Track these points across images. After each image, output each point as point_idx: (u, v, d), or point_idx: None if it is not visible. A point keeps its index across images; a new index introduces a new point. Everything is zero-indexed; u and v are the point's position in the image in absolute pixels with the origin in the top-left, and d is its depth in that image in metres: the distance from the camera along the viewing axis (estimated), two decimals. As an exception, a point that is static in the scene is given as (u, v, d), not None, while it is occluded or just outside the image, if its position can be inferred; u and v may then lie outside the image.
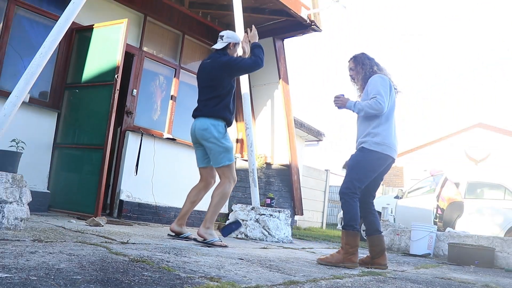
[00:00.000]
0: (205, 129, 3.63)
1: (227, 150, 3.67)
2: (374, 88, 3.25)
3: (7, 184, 2.95)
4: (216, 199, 3.67)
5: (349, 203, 3.18)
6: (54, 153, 5.19)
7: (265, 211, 5.16)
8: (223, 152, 3.64)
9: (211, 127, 3.62)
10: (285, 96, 7.29)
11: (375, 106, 3.17)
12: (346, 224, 3.17)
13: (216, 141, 3.62)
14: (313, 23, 6.81)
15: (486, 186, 8.21)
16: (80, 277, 1.59)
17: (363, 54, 3.51)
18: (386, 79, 3.32)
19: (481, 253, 5.00)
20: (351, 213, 3.17)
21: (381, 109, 3.18)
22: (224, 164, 3.67)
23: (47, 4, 5.32)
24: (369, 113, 3.22)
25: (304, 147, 12.78)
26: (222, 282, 1.82)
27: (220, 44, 3.84)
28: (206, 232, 3.58)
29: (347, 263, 3.07)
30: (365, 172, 3.24)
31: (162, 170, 6.00)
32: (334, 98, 3.40)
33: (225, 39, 3.84)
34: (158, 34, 6.61)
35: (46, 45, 3.47)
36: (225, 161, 3.66)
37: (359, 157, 3.27)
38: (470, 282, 3.09)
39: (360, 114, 3.30)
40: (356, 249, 3.12)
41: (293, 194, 7.52)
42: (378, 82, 3.26)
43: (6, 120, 3.22)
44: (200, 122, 3.69)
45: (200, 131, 3.66)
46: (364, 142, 3.26)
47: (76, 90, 5.29)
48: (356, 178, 3.20)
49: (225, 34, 3.87)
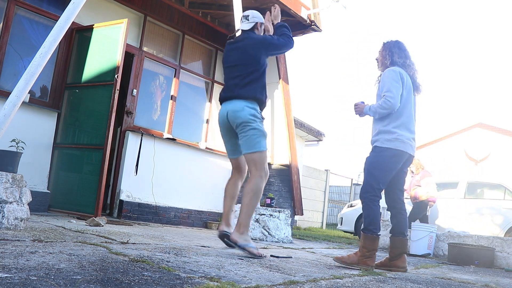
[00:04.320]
0: (240, 110, 3.21)
1: (264, 134, 3.27)
2: (384, 84, 3.18)
3: (7, 184, 2.95)
4: (248, 198, 3.19)
5: (369, 206, 3.12)
6: (54, 153, 5.19)
7: (265, 211, 5.16)
8: (260, 136, 3.21)
9: (247, 109, 3.22)
10: (285, 96, 7.29)
11: (385, 105, 3.10)
12: (366, 227, 3.11)
13: (253, 123, 3.21)
14: (313, 23, 6.81)
15: (486, 186, 8.21)
16: (80, 277, 1.59)
17: (395, 42, 3.38)
18: (397, 71, 3.20)
19: (481, 253, 5.00)
20: (371, 217, 3.11)
21: (392, 107, 3.10)
22: (259, 150, 3.21)
23: (47, 4, 5.32)
24: (383, 114, 3.16)
25: (304, 147, 12.78)
26: (222, 282, 1.82)
27: (248, 25, 3.57)
28: (240, 238, 3.13)
29: (362, 266, 3.04)
30: (383, 172, 3.15)
31: (162, 170, 6.00)
32: (354, 106, 3.34)
33: (251, 19, 3.58)
34: (158, 34, 6.61)
35: (46, 45, 3.47)
36: (260, 146, 3.22)
37: (373, 158, 3.19)
38: (470, 282, 3.08)
39: (375, 117, 3.23)
40: (373, 253, 3.08)
41: (293, 194, 7.52)
42: (388, 77, 3.17)
43: (6, 120, 3.21)
44: (233, 105, 3.26)
45: (234, 113, 3.23)
46: (376, 140, 3.21)
47: (76, 90, 5.29)
48: (374, 180, 3.13)
49: (251, 14, 3.61)
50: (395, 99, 3.10)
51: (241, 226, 3.15)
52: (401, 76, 3.21)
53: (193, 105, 7.11)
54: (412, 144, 3.24)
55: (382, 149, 3.15)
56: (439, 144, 17.44)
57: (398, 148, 3.14)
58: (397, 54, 3.31)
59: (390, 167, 3.17)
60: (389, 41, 3.41)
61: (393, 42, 3.39)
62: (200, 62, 7.27)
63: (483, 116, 18.85)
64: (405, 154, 3.19)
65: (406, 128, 3.21)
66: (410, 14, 51.82)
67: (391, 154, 3.14)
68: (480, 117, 17.10)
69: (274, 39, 3.44)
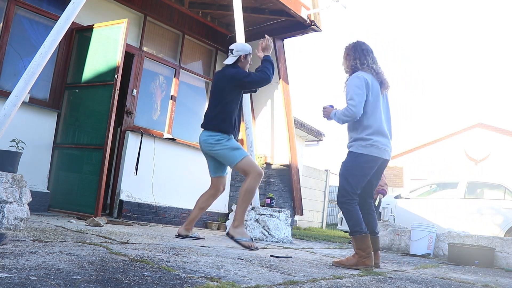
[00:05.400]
0: (205, 140, 3.71)
1: (234, 148, 3.67)
2: (348, 92, 3.17)
3: (7, 184, 2.96)
4: (241, 196, 3.65)
5: (348, 210, 3.17)
6: (54, 153, 5.19)
7: (265, 211, 5.16)
8: (231, 151, 3.65)
9: (209, 138, 3.69)
10: (285, 96, 7.29)
11: (347, 113, 3.11)
12: (352, 230, 3.15)
13: (219, 146, 3.65)
14: (313, 23, 6.81)
15: (486, 186, 8.20)
16: (80, 277, 1.59)
17: (353, 44, 3.35)
18: (361, 78, 3.15)
19: (481, 253, 5.00)
20: (354, 219, 3.15)
21: (354, 115, 3.10)
22: (238, 160, 3.64)
23: (47, 4, 5.32)
24: (346, 121, 3.18)
25: (304, 147, 12.78)
26: (222, 282, 1.82)
27: (231, 59, 3.79)
28: (235, 231, 3.57)
29: (362, 266, 3.07)
30: (357, 177, 3.18)
31: (162, 170, 6.00)
32: (322, 109, 3.39)
33: (235, 53, 3.79)
34: (158, 34, 6.61)
35: (46, 45, 3.48)
36: (237, 157, 3.64)
37: (348, 163, 3.23)
38: (470, 282, 3.09)
39: (340, 123, 3.23)
40: (368, 252, 3.11)
41: (293, 194, 7.51)
42: (352, 84, 3.15)
43: (6, 120, 3.22)
44: (202, 135, 3.77)
45: (205, 144, 3.73)
46: (351, 146, 3.24)
47: (76, 90, 5.29)
48: (349, 184, 3.17)
49: (235, 48, 3.82)
50: (357, 108, 3.08)
51: (236, 220, 3.59)
52: (366, 81, 3.16)
53: (193, 105, 7.11)
54: (388, 149, 3.24)
55: (357, 154, 3.17)
56: (439, 144, 17.45)
57: (373, 154, 3.15)
58: (358, 57, 3.28)
59: (365, 172, 3.19)
60: (349, 44, 3.39)
61: (352, 44, 3.36)
62: (200, 62, 7.27)
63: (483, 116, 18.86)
64: (379, 159, 3.21)
65: (380, 134, 3.19)
66: (410, 14, 51.82)
67: (365, 160, 3.16)
68: (480, 117, 17.12)
69: (244, 75, 3.71)
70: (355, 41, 3.38)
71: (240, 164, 3.64)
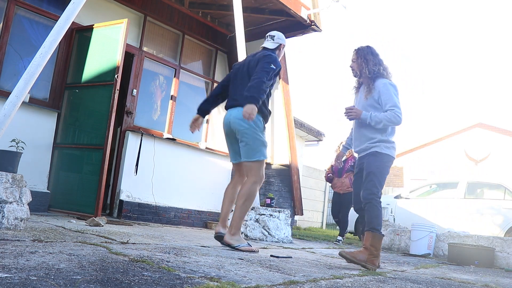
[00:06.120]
0: (240, 118, 3.31)
1: (264, 144, 3.42)
2: (389, 98, 3.22)
3: (7, 184, 2.95)
4: (241, 201, 3.38)
5: (376, 207, 3.19)
6: (54, 153, 5.18)
7: (265, 211, 5.16)
8: (260, 146, 3.38)
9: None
10: (285, 96, 7.29)
11: (395, 120, 3.18)
12: (374, 227, 3.16)
13: (254, 132, 3.35)
14: (313, 23, 6.81)
15: (486, 186, 8.20)
16: (80, 277, 1.59)
17: (367, 48, 3.42)
18: (396, 87, 3.31)
19: (481, 253, 5.00)
20: (380, 217, 3.20)
21: (399, 123, 3.21)
22: (258, 159, 3.38)
23: (47, 4, 5.32)
24: (388, 126, 3.25)
25: (304, 147, 12.78)
26: (222, 282, 1.82)
27: (272, 44, 3.65)
28: (232, 239, 3.35)
29: (369, 265, 3.08)
30: (384, 176, 3.29)
31: (162, 170, 6.00)
32: (347, 110, 3.35)
33: (276, 40, 3.68)
34: (158, 34, 6.61)
35: (46, 45, 3.48)
36: (260, 155, 3.38)
37: (377, 162, 3.25)
38: (470, 282, 3.09)
39: (378, 126, 3.24)
40: (379, 252, 3.16)
41: (293, 194, 7.52)
42: (392, 92, 3.24)
43: (6, 120, 3.22)
44: (237, 111, 3.36)
45: (237, 120, 3.35)
46: (375, 146, 3.28)
47: (76, 90, 5.29)
48: (378, 183, 3.22)
49: (276, 35, 3.70)
50: (402, 116, 3.20)
51: (233, 227, 3.37)
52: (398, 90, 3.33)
53: (193, 105, 7.10)
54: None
55: (383, 155, 3.26)
56: (439, 144, 17.44)
57: (393, 155, 3.33)
58: (372, 61, 3.35)
59: (388, 171, 3.33)
60: (362, 47, 3.44)
61: (366, 48, 3.43)
62: (200, 62, 7.27)
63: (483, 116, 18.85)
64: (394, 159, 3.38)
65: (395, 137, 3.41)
66: (410, 14, 51.82)
67: (389, 159, 3.30)
68: (480, 117, 17.10)
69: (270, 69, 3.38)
70: (368, 46, 3.45)
71: (255, 163, 3.38)
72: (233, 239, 3.36)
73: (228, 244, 3.35)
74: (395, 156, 3.34)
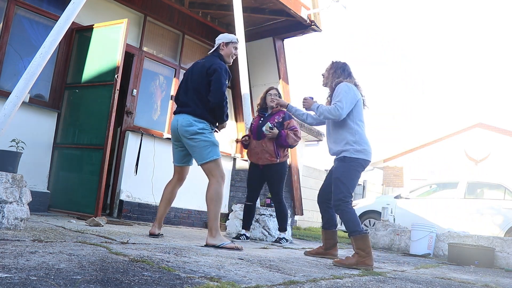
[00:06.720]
0: (186, 125, 3.45)
1: (214, 143, 3.48)
2: (338, 95, 3.37)
3: (7, 184, 2.96)
4: (212, 204, 3.46)
5: (346, 211, 3.27)
6: (54, 153, 5.18)
7: (265, 211, 5.16)
8: (210, 146, 3.44)
9: (193, 124, 3.45)
10: (285, 96, 7.28)
11: (334, 112, 3.31)
12: (352, 230, 3.23)
13: (200, 136, 3.43)
14: (313, 23, 6.81)
15: (486, 186, 8.20)
16: (80, 277, 1.59)
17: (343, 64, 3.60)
18: (351, 86, 3.41)
19: (481, 253, 5.00)
20: (352, 220, 3.25)
21: (338, 116, 3.30)
22: (212, 159, 3.44)
23: (47, 4, 5.32)
24: (327, 118, 3.37)
25: (304, 147, 12.78)
26: (222, 282, 1.82)
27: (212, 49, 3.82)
28: (214, 240, 3.41)
29: (362, 266, 3.11)
30: (352, 180, 3.35)
31: (162, 170, 5.99)
32: (303, 99, 3.56)
33: (216, 42, 3.83)
34: (158, 34, 6.61)
35: (46, 45, 3.48)
36: (212, 155, 3.44)
37: (344, 168, 3.35)
38: (470, 282, 3.09)
39: (320, 117, 3.45)
40: (368, 251, 3.16)
41: (293, 194, 7.52)
42: (344, 90, 3.37)
43: (6, 120, 3.22)
44: (182, 118, 3.50)
45: (182, 129, 3.47)
46: (345, 151, 3.36)
47: (76, 90, 5.29)
48: (345, 188, 3.29)
49: (217, 37, 3.86)
50: (343, 110, 3.29)
51: (212, 230, 3.45)
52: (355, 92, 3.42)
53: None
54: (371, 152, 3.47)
55: (352, 159, 3.34)
56: (439, 144, 17.44)
57: (364, 158, 3.37)
58: (343, 75, 3.54)
59: (357, 175, 3.41)
60: (338, 62, 3.64)
61: (341, 63, 3.62)
62: (200, 62, 7.26)
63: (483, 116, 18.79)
64: (367, 162, 3.44)
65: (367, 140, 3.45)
66: (410, 14, 51.82)
67: (358, 163, 3.35)
68: (480, 117, 17.07)
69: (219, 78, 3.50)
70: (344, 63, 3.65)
71: (211, 164, 3.45)
72: (215, 239, 3.42)
73: (212, 245, 3.40)
74: (368, 159, 3.39)
